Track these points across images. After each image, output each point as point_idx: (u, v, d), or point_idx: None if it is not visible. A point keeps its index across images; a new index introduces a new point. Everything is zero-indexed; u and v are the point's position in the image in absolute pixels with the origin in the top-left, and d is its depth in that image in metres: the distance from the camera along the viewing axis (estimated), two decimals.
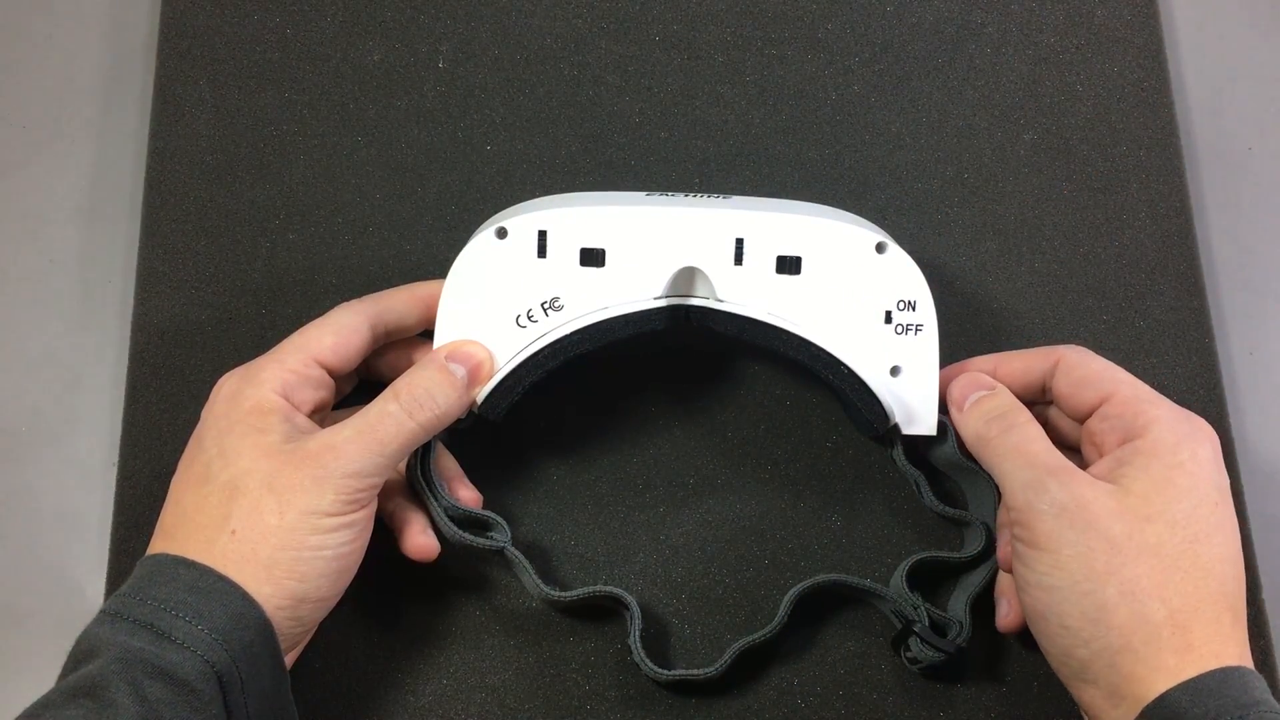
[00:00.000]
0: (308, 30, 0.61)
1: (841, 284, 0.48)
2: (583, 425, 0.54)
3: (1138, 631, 0.41)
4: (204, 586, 0.41)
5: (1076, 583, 0.42)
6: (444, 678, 0.50)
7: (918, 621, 0.48)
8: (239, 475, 0.43)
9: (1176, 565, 0.42)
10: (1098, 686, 0.42)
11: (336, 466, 0.43)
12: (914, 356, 0.49)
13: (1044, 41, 0.61)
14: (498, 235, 0.48)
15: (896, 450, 0.51)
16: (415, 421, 0.45)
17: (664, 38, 0.61)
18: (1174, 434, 0.44)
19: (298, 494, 0.43)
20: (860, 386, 0.49)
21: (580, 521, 0.52)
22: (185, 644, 0.40)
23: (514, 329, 0.48)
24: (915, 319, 0.49)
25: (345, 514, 0.43)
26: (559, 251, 0.48)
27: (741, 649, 0.48)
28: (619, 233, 0.48)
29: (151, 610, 0.40)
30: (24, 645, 0.52)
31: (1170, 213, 0.58)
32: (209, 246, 0.57)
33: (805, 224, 0.48)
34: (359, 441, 0.44)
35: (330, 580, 0.44)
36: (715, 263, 0.48)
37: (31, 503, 0.55)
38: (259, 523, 0.42)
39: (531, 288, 0.48)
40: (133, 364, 0.55)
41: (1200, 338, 0.56)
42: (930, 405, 0.49)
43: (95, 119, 0.61)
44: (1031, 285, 0.56)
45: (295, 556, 0.42)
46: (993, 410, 0.47)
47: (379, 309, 0.49)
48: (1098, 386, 0.46)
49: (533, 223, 0.48)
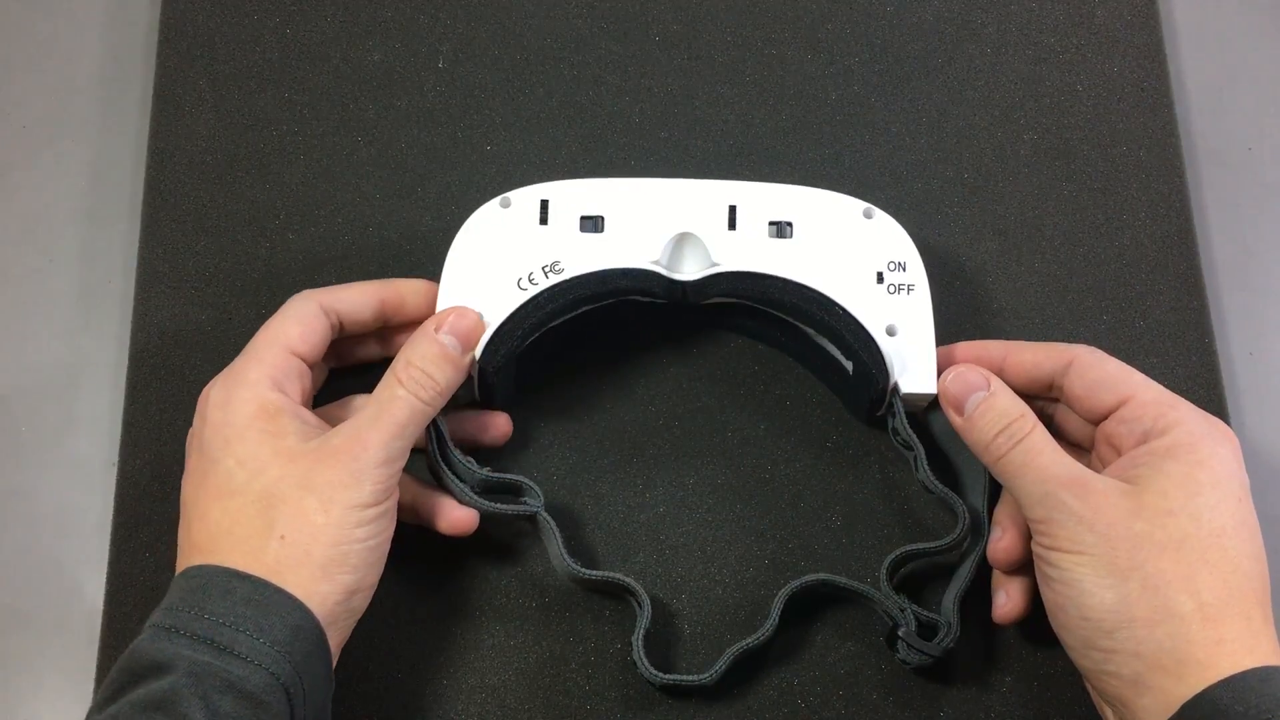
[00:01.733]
0: (308, 30, 0.61)
1: (833, 246, 0.51)
2: (582, 426, 0.54)
3: (1164, 624, 0.41)
4: (261, 599, 0.41)
5: (1098, 577, 0.42)
6: (444, 678, 0.50)
7: (903, 625, 0.48)
8: (271, 483, 0.43)
9: (1204, 559, 0.41)
10: (1120, 678, 0.42)
11: (367, 458, 0.44)
12: (908, 316, 0.50)
13: (1044, 41, 0.61)
14: (501, 204, 0.51)
15: (897, 419, 0.50)
16: (423, 401, 0.46)
17: (664, 38, 0.61)
18: (1194, 434, 0.44)
19: (338, 490, 0.43)
20: (859, 331, 0.49)
21: (580, 522, 0.52)
22: (250, 659, 0.40)
23: (515, 291, 0.50)
24: (906, 279, 0.50)
25: (381, 503, 0.44)
26: (560, 219, 0.51)
27: (737, 654, 0.48)
28: (617, 201, 0.51)
29: (211, 625, 0.40)
30: (24, 645, 0.52)
31: (1170, 213, 0.58)
32: (209, 246, 0.57)
33: (795, 191, 0.51)
34: (380, 429, 0.45)
35: (375, 567, 0.45)
36: (710, 228, 0.50)
37: (31, 503, 0.55)
38: (307, 524, 0.43)
39: (533, 253, 0.50)
40: (133, 364, 0.55)
41: (1200, 338, 0.56)
42: (928, 364, 0.49)
43: (95, 119, 0.61)
44: (1031, 285, 0.56)
45: (346, 550, 0.43)
46: (997, 421, 0.46)
47: (331, 298, 0.49)
48: (1115, 390, 0.46)
49: (535, 192, 0.51)
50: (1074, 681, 0.49)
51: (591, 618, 0.51)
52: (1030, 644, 0.50)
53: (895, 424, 0.50)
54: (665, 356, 0.55)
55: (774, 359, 0.55)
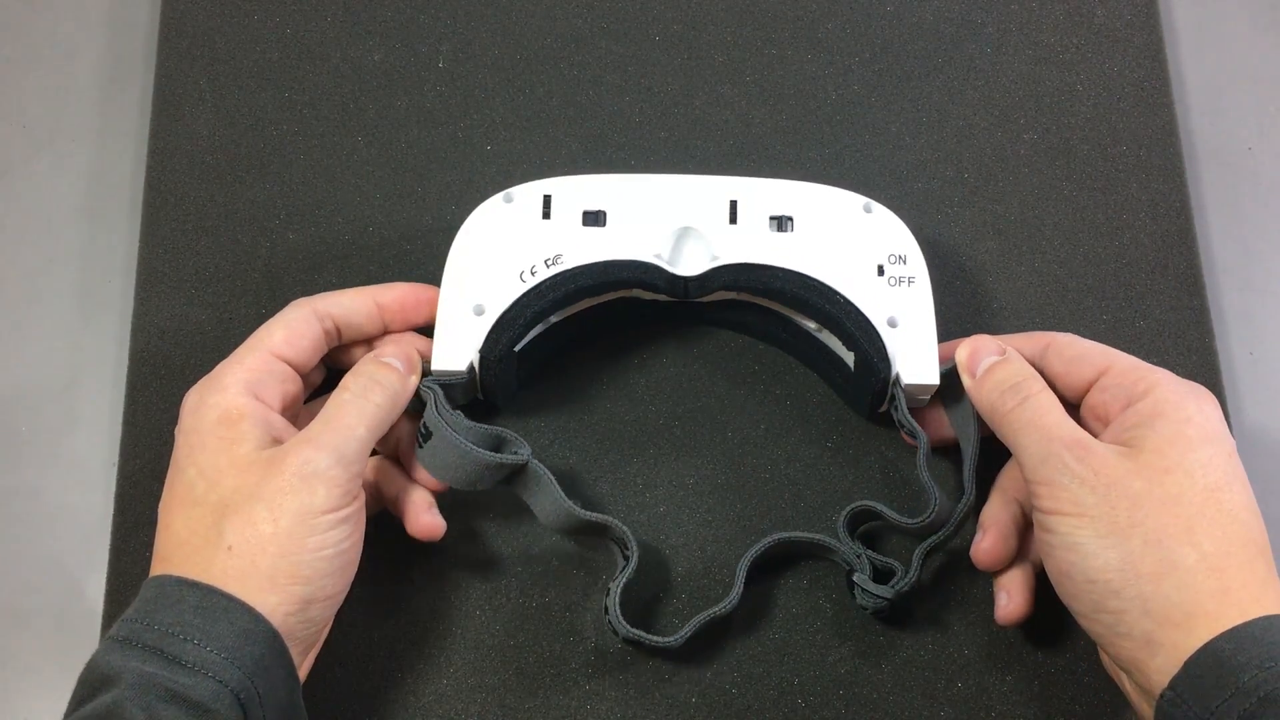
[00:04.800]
0: (308, 30, 0.61)
1: (833, 240, 0.51)
2: (583, 426, 0.54)
3: (1168, 576, 0.41)
4: (209, 606, 0.41)
5: (1100, 537, 0.42)
6: (444, 678, 0.50)
7: (859, 570, 0.49)
8: (227, 493, 0.43)
9: (1201, 512, 0.42)
10: (1132, 638, 0.42)
11: (317, 460, 0.43)
12: (909, 308, 0.50)
13: (1044, 41, 0.61)
14: (504, 200, 0.51)
15: (900, 410, 0.50)
16: (371, 401, 0.46)
17: (664, 38, 0.61)
18: (1177, 392, 0.45)
19: (288, 497, 0.43)
20: (860, 320, 0.49)
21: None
22: (196, 667, 0.40)
23: (517, 283, 0.50)
24: (907, 272, 0.51)
25: (338, 509, 0.43)
26: (562, 213, 0.51)
27: (704, 621, 0.48)
28: (620, 197, 0.51)
29: (159, 636, 0.40)
30: (24, 645, 0.52)
31: (1170, 213, 0.58)
32: (209, 246, 0.57)
33: (795, 187, 0.52)
34: (329, 432, 0.44)
35: (334, 578, 0.44)
36: (711, 222, 0.51)
37: (31, 503, 0.55)
38: (254, 534, 0.42)
39: (535, 246, 0.50)
40: (133, 364, 0.55)
41: (1200, 338, 0.56)
42: (930, 355, 0.49)
43: (95, 119, 0.61)
44: (1031, 285, 0.56)
45: (296, 561, 0.42)
46: (1006, 380, 0.47)
47: (326, 303, 0.49)
48: (1093, 361, 0.47)
49: (538, 188, 0.51)
50: (1074, 681, 0.50)
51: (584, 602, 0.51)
52: (1030, 644, 0.50)
53: (898, 416, 0.50)
54: (665, 356, 0.55)
55: (774, 358, 0.55)
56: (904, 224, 0.51)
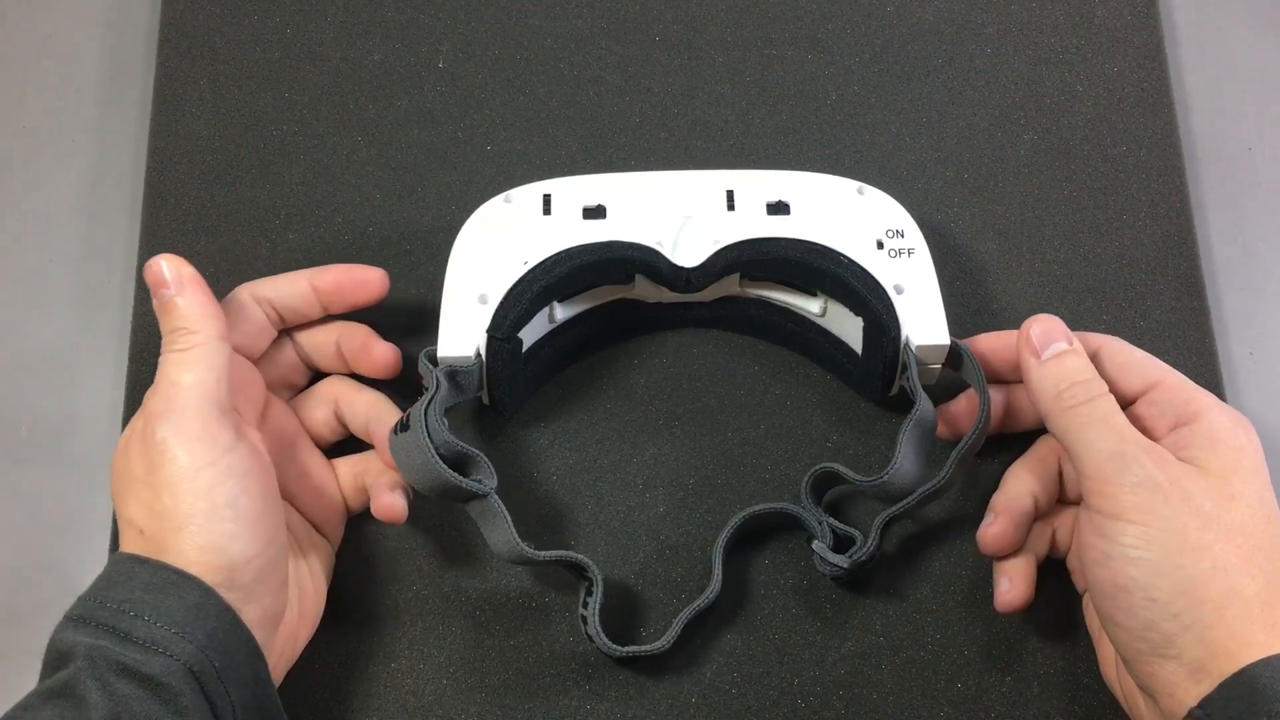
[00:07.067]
0: (308, 30, 0.61)
1: (830, 220, 0.52)
2: (582, 426, 0.54)
3: (1231, 605, 0.40)
4: (158, 583, 0.41)
5: (1169, 555, 0.41)
6: (444, 678, 0.50)
7: (819, 537, 0.49)
8: (138, 479, 0.44)
9: (1259, 545, 0.42)
10: (1180, 661, 0.41)
11: (158, 429, 0.43)
12: (912, 275, 0.51)
13: (1044, 41, 0.61)
14: (504, 201, 0.52)
15: (910, 375, 0.49)
16: (176, 350, 0.45)
17: (664, 38, 0.61)
18: (1229, 420, 0.45)
19: (157, 472, 0.43)
20: (867, 279, 0.50)
21: (580, 522, 0.52)
22: (147, 644, 0.40)
23: (520, 269, 0.50)
24: (906, 244, 0.51)
25: (210, 464, 0.43)
26: (563, 210, 0.52)
27: (689, 617, 0.48)
28: (619, 192, 0.52)
29: (111, 613, 0.41)
30: (24, 645, 0.52)
31: (1170, 213, 0.58)
32: (209, 246, 0.57)
33: (790, 175, 0.53)
34: (157, 397, 0.44)
35: (244, 538, 0.43)
36: (709, 211, 0.52)
37: (31, 503, 0.55)
38: (149, 514, 0.43)
39: (537, 240, 0.51)
40: (133, 364, 0.55)
41: (1200, 338, 0.56)
42: (937, 316, 0.50)
43: (95, 119, 0.61)
44: (1031, 285, 0.56)
45: (196, 529, 0.42)
46: (1074, 373, 0.46)
47: (262, 288, 0.50)
48: (1144, 373, 0.47)
49: (538, 189, 0.52)
50: (1073, 682, 0.49)
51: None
52: (1030, 644, 0.50)
53: (906, 382, 0.49)
54: (665, 356, 0.55)
55: (774, 358, 0.55)
56: (897, 202, 0.52)
